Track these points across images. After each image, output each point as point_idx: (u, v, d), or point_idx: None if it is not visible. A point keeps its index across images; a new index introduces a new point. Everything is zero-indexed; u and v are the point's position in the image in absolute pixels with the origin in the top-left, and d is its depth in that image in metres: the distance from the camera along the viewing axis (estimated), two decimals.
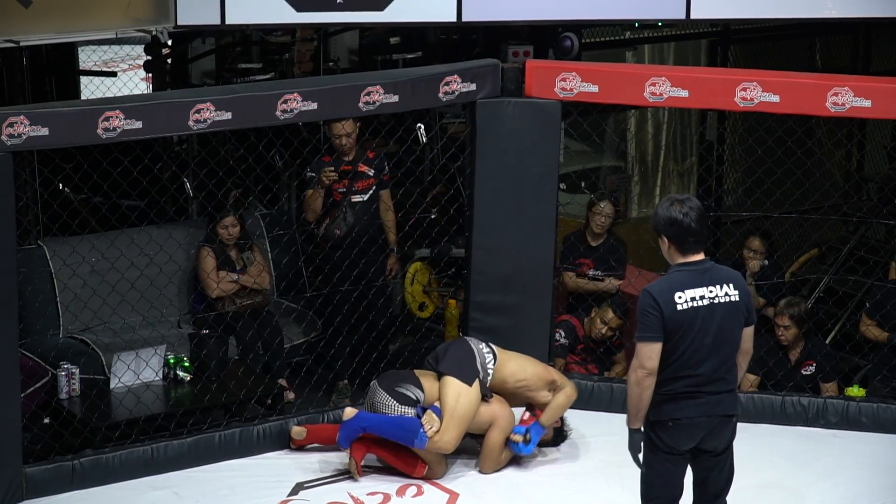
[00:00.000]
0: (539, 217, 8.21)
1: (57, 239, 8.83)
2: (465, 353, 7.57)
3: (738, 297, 5.91)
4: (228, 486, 7.48)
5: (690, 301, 5.86)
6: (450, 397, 7.41)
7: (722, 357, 5.91)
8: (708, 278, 5.90)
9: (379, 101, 7.74)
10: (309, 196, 8.80)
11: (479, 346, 7.65)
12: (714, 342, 5.87)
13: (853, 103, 7.73)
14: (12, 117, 6.85)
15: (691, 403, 5.91)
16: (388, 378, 7.59)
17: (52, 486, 7.31)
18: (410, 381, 7.51)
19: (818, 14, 9.15)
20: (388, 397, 7.43)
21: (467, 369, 7.49)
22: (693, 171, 12.28)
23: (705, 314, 5.86)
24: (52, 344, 8.62)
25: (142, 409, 7.93)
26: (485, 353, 7.61)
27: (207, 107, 7.29)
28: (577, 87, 8.04)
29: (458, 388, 7.43)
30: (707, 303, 5.87)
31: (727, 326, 5.90)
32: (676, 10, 9.05)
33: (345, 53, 11.70)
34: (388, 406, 7.43)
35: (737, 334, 5.94)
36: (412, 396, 7.44)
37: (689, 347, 5.86)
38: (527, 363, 7.74)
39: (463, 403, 7.41)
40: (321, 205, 8.76)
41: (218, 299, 8.83)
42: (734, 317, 5.92)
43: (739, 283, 5.96)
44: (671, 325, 5.83)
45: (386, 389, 7.46)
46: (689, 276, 5.90)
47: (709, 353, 5.87)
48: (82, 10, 8.22)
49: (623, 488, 7.45)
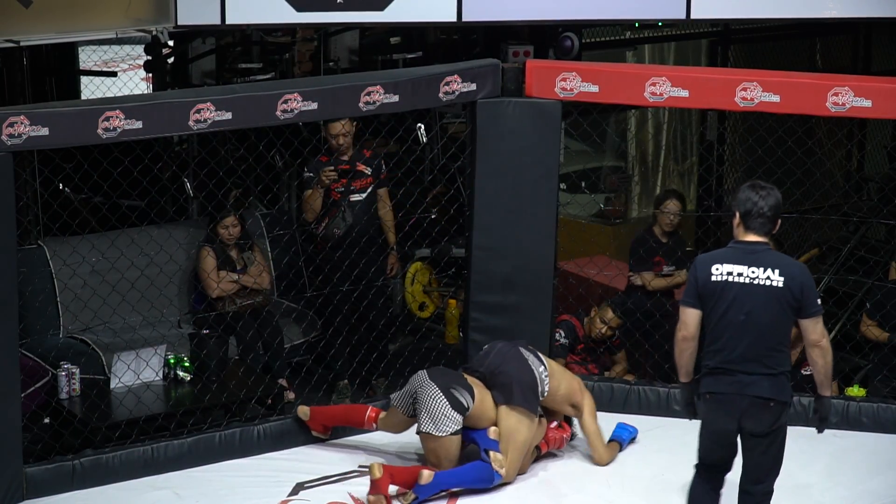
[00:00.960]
0: (539, 217, 8.21)
1: (57, 239, 8.83)
2: (530, 381, 7.41)
3: (781, 283, 6.08)
4: (229, 485, 7.47)
5: (726, 275, 6.12)
6: (513, 430, 7.32)
7: (758, 338, 6.10)
8: (752, 259, 6.12)
9: (379, 101, 7.74)
10: (308, 196, 8.80)
11: (539, 368, 7.48)
12: (748, 321, 6.08)
13: (853, 103, 7.72)
14: (12, 117, 6.84)
15: (725, 380, 6.17)
16: (440, 374, 7.35)
17: (53, 486, 7.30)
18: (463, 385, 7.29)
19: (818, 14, 9.15)
20: (442, 396, 7.19)
21: (533, 400, 7.39)
22: (693, 170, 12.28)
23: (739, 291, 6.09)
24: (52, 344, 8.62)
25: (142, 409, 7.93)
26: (543, 376, 7.48)
27: (208, 107, 7.29)
28: (578, 87, 8.04)
29: (523, 421, 7.34)
30: (745, 281, 6.11)
31: (763, 309, 6.09)
32: (677, 10, 9.05)
33: (345, 53, 11.70)
34: (439, 406, 7.19)
35: (776, 319, 6.11)
36: (464, 404, 7.24)
37: (720, 320, 6.12)
38: (562, 379, 7.64)
39: (526, 436, 7.36)
40: (321, 204, 8.77)
41: (218, 299, 8.84)
42: (773, 301, 6.09)
43: (789, 272, 6.11)
44: (704, 293, 6.15)
45: (440, 387, 7.22)
46: (734, 252, 6.17)
47: (742, 331, 6.09)
48: (82, 10, 8.22)
49: (623, 488, 7.46)
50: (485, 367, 7.48)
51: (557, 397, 7.59)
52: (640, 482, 7.53)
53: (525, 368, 7.46)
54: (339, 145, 8.72)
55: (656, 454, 7.85)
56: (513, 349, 7.54)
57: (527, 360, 7.49)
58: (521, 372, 7.44)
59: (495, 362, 7.47)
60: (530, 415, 7.36)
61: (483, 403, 7.34)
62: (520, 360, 7.49)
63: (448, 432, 7.22)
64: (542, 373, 7.49)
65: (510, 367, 7.44)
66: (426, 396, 7.24)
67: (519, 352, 7.53)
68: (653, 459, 7.79)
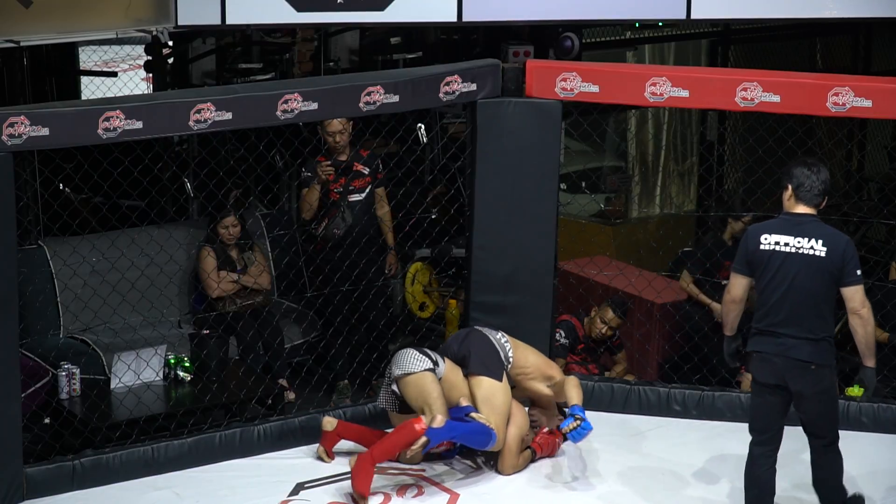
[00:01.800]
0: (540, 217, 8.21)
1: (57, 239, 8.83)
2: (489, 349, 7.59)
3: (824, 253, 6.49)
4: (229, 486, 7.47)
5: (774, 245, 6.56)
6: (488, 396, 7.45)
7: (801, 304, 6.52)
8: (799, 230, 6.55)
9: (379, 101, 7.74)
10: (305, 194, 8.79)
11: (496, 335, 7.69)
12: (791, 287, 6.51)
13: (853, 103, 7.73)
14: (13, 117, 6.84)
15: (770, 341, 6.58)
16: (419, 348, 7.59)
17: (53, 487, 7.30)
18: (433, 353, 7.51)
19: (818, 14, 9.15)
20: (410, 350, 7.45)
21: (494, 365, 7.55)
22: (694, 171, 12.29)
23: (785, 260, 6.53)
24: (52, 344, 8.62)
25: (142, 410, 7.93)
26: (504, 344, 7.67)
27: (208, 107, 7.29)
28: (578, 87, 8.04)
29: (490, 386, 7.48)
30: (791, 250, 6.53)
31: (806, 277, 6.50)
32: (677, 11, 9.06)
33: (345, 53, 11.70)
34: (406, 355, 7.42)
35: (819, 287, 6.50)
36: (432, 357, 7.43)
37: (768, 286, 6.56)
38: (528, 352, 7.79)
39: (500, 399, 7.48)
40: (318, 202, 8.76)
41: (218, 299, 8.84)
42: (816, 270, 6.49)
43: (832, 243, 6.51)
44: (753, 260, 6.61)
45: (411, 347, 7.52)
46: (782, 224, 6.61)
47: (786, 297, 6.52)
48: (83, 10, 8.22)
49: (624, 487, 7.46)
50: (445, 351, 7.66)
51: (529, 369, 7.73)
52: (641, 481, 7.53)
53: (481, 338, 7.66)
54: (336, 143, 8.72)
55: (657, 454, 7.86)
56: (467, 330, 7.80)
57: (482, 332, 7.69)
58: (479, 342, 7.63)
59: (453, 344, 7.69)
60: (495, 379, 7.50)
61: (453, 372, 7.51)
62: (475, 334, 7.70)
63: (419, 367, 7.39)
64: (501, 339, 7.69)
65: (467, 341, 7.66)
66: (396, 357, 7.49)
67: (473, 329, 7.77)
68: (653, 459, 7.79)
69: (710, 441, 7.99)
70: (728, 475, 7.58)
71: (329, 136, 8.71)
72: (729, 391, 8.35)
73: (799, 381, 6.56)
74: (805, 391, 6.57)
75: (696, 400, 8.29)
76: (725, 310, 6.82)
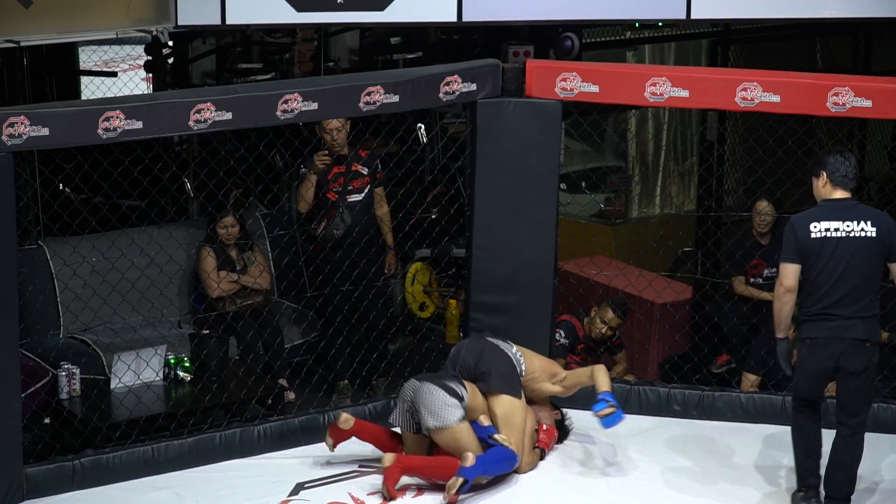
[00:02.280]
0: (540, 217, 8.21)
1: (57, 239, 8.83)
2: (507, 365, 7.54)
3: (875, 233, 6.76)
4: (229, 486, 7.48)
5: (824, 231, 6.78)
6: (508, 415, 7.42)
7: (855, 285, 6.75)
8: (846, 214, 6.80)
9: (379, 101, 7.74)
10: (302, 187, 8.79)
11: (512, 350, 7.63)
12: (846, 271, 6.74)
13: (853, 103, 7.73)
14: (13, 117, 6.85)
15: (825, 325, 6.80)
16: (427, 376, 7.45)
17: (53, 487, 7.31)
18: (452, 378, 7.40)
19: (818, 14, 9.15)
20: (437, 389, 7.25)
21: (514, 381, 7.52)
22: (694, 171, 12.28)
23: (837, 244, 6.76)
24: (52, 344, 8.62)
25: (142, 410, 7.94)
26: (518, 358, 7.62)
27: (208, 107, 7.29)
28: (578, 87, 8.04)
29: (511, 405, 7.45)
30: (842, 235, 6.77)
31: (860, 258, 6.75)
32: (677, 11, 9.06)
33: (345, 53, 11.71)
34: (435, 396, 7.22)
35: (871, 266, 6.79)
36: (459, 392, 7.31)
37: (821, 272, 6.76)
38: (534, 357, 7.78)
39: (520, 417, 7.47)
40: (313, 195, 8.74)
41: (218, 299, 8.84)
42: (868, 250, 6.76)
43: (880, 221, 6.80)
44: (804, 249, 6.78)
45: (431, 381, 7.31)
46: (828, 210, 6.82)
47: (841, 280, 6.74)
48: (83, 11, 8.22)
49: (624, 487, 7.46)
50: (459, 364, 7.56)
51: (537, 374, 7.71)
52: (641, 481, 7.54)
53: (499, 354, 7.59)
54: (333, 140, 8.71)
55: (657, 454, 7.86)
56: (481, 341, 7.68)
57: (499, 346, 7.63)
58: (497, 358, 7.57)
59: (468, 358, 7.57)
60: (515, 397, 7.48)
61: (475, 395, 7.43)
62: (492, 348, 7.62)
63: (455, 420, 7.24)
64: (516, 354, 7.64)
65: (486, 357, 7.56)
66: (422, 395, 7.27)
67: (488, 342, 7.66)
68: (653, 459, 7.79)
69: (711, 441, 8.00)
70: (728, 475, 7.58)
71: (326, 133, 8.71)
72: (729, 391, 8.35)
73: (853, 360, 6.80)
74: (856, 368, 6.80)
75: (697, 400, 8.29)
76: (780, 304, 6.88)
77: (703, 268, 9.84)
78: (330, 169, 8.73)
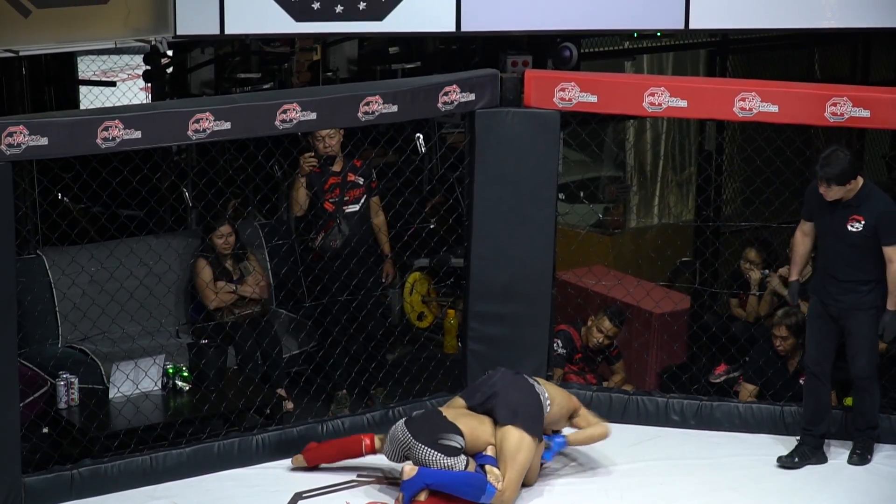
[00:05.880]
0: (538, 227, 8.22)
1: (56, 248, 8.84)
2: (537, 407, 7.41)
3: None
4: (227, 495, 7.48)
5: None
6: (514, 450, 7.26)
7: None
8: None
9: (378, 110, 7.76)
10: (292, 190, 8.80)
11: (543, 394, 7.50)
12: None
13: (852, 113, 7.75)
14: (11, 127, 6.86)
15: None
16: (422, 429, 7.27)
17: (51, 496, 7.31)
18: (448, 429, 7.25)
19: (816, 24, 9.18)
20: (434, 452, 7.17)
21: (537, 425, 7.38)
22: (692, 181, 12.29)
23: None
24: (50, 353, 8.61)
25: (140, 419, 7.94)
26: (546, 403, 7.48)
27: (206, 116, 7.31)
28: (576, 97, 8.06)
29: (523, 441, 7.28)
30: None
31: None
32: (675, 20, 9.08)
33: (344, 63, 11.72)
34: (436, 461, 7.17)
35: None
36: (456, 446, 7.22)
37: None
38: (558, 396, 7.64)
39: (525, 456, 7.29)
40: (304, 196, 8.73)
41: (216, 309, 8.84)
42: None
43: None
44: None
45: (428, 444, 7.18)
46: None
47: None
48: (81, 20, 8.24)
49: (622, 499, 7.46)
50: (488, 387, 7.46)
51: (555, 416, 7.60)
52: (639, 491, 7.54)
53: (531, 393, 7.47)
54: (325, 147, 8.71)
55: (654, 463, 7.87)
56: (517, 375, 7.56)
57: (532, 387, 7.50)
58: (528, 396, 7.45)
59: (500, 385, 7.45)
60: (533, 438, 7.35)
61: (474, 432, 7.33)
62: (526, 385, 7.50)
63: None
64: (545, 399, 7.50)
65: (516, 391, 7.44)
66: (420, 457, 7.21)
67: (524, 378, 7.55)
68: (651, 469, 7.80)
69: (709, 450, 8.00)
70: (727, 484, 7.59)
71: (318, 140, 8.71)
72: (727, 401, 8.36)
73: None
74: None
75: (695, 410, 8.30)
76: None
77: (701, 278, 9.82)
78: (325, 176, 8.73)
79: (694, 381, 8.88)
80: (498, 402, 7.38)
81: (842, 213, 7.46)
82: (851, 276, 7.50)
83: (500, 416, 7.36)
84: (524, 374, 7.60)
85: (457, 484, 7.17)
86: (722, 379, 9.09)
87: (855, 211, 7.44)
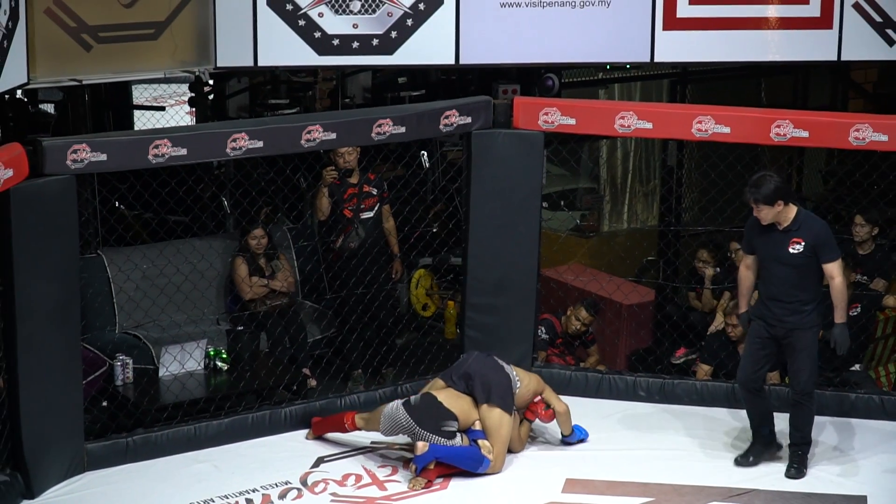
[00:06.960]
0: (525, 231, 8.22)
1: (113, 249, 8.84)
2: (507, 385, 7.41)
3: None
4: (260, 459, 7.49)
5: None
6: (496, 426, 7.29)
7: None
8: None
9: (388, 131, 7.76)
10: (316, 199, 8.82)
11: (512, 373, 7.49)
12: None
13: (793, 134, 7.73)
14: (76, 145, 6.87)
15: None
16: (424, 417, 7.24)
17: (109, 460, 7.34)
18: (445, 416, 7.24)
19: (763, 58, 9.16)
20: (438, 438, 7.20)
21: (509, 399, 7.38)
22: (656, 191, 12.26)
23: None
24: (108, 338, 8.62)
25: (185, 394, 7.94)
26: (515, 381, 7.47)
27: (242, 136, 7.31)
28: (558, 120, 8.06)
29: (502, 417, 7.30)
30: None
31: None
32: (642, 55, 9.06)
33: (359, 91, 11.72)
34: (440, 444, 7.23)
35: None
36: (453, 429, 7.25)
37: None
38: (525, 378, 7.61)
39: (507, 430, 7.32)
40: (327, 204, 8.73)
41: (251, 301, 8.84)
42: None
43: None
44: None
45: (431, 431, 7.19)
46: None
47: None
48: (135, 54, 8.24)
49: (594, 462, 7.46)
50: (464, 370, 7.45)
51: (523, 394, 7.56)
52: (609, 455, 7.54)
53: (502, 373, 7.46)
54: (344, 163, 8.73)
55: (623, 432, 7.87)
56: (489, 358, 7.54)
57: (502, 367, 7.50)
58: (499, 376, 7.44)
59: (475, 367, 7.45)
60: (508, 412, 7.35)
61: (464, 414, 7.32)
62: (496, 366, 7.50)
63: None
64: (514, 376, 7.49)
65: (489, 372, 7.43)
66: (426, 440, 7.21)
67: (495, 360, 7.54)
68: (621, 437, 7.80)
69: (671, 422, 8.00)
70: (687, 451, 7.59)
71: (339, 156, 8.72)
72: (687, 379, 8.36)
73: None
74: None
75: (659, 387, 8.29)
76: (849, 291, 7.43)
77: (664, 274, 9.81)
78: (344, 187, 8.74)
79: (658, 363, 8.88)
80: (475, 384, 7.38)
81: (782, 238, 7.07)
82: (796, 296, 7.03)
83: (479, 397, 7.36)
84: (494, 356, 7.58)
85: (460, 458, 7.23)
86: (682, 360, 9.09)
87: (795, 234, 7.05)
